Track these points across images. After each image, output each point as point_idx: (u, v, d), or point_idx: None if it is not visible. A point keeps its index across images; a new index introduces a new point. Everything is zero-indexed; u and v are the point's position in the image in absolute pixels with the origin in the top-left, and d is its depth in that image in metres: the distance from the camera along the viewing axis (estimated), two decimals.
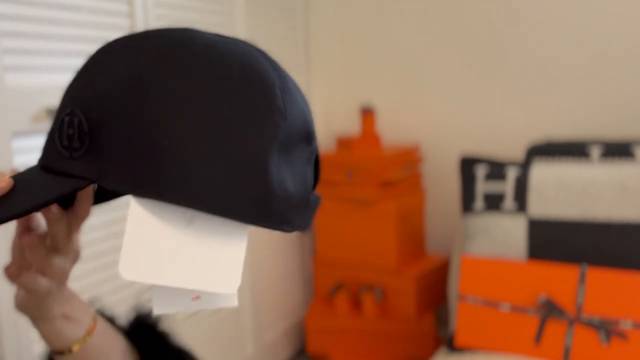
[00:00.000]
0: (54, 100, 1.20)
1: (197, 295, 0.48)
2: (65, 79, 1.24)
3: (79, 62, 1.27)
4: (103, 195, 0.61)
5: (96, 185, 0.58)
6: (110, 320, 0.67)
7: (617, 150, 1.49)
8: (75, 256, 0.59)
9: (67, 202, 0.57)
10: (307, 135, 0.50)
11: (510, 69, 1.90)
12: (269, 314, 1.99)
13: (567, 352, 1.33)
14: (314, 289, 2.05)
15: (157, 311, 0.48)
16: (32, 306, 0.57)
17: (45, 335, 0.59)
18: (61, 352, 0.60)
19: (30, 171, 0.52)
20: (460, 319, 1.46)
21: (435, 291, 1.92)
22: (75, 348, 0.60)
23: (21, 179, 0.51)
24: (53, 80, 1.21)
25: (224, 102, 0.45)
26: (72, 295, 0.61)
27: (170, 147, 0.44)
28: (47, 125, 1.18)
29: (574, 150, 1.54)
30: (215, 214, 0.44)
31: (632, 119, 1.76)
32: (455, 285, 1.67)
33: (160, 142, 0.44)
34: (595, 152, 1.51)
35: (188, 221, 0.45)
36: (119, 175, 0.45)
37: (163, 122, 0.45)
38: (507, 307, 1.41)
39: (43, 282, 0.56)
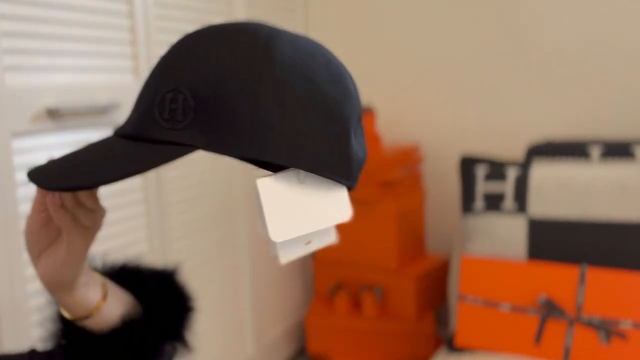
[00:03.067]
0: (54, 100, 1.20)
1: (309, 240, 0.61)
2: (65, 79, 1.24)
3: (78, 62, 1.27)
4: None
5: None
6: (96, 270, 0.70)
7: (617, 150, 1.49)
8: (102, 213, 0.62)
9: None
10: (361, 115, 0.63)
11: (511, 69, 1.90)
12: (269, 314, 1.99)
13: (567, 352, 1.33)
14: (314, 289, 2.05)
15: (283, 260, 0.59)
16: (66, 275, 0.60)
17: (69, 306, 0.62)
18: (83, 318, 0.63)
19: (114, 141, 0.58)
20: (460, 319, 1.46)
21: (435, 291, 1.92)
22: (96, 312, 0.63)
23: (111, 147, 0.57)
24: (53, 80, 1.21)
25: (320, 87, 0.56)
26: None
27: (283, 122, 0.54)
28: (47, 125, 1.18)
29: (574, 150, 1.54)
30: (318, 174, 0.56)
31: (632, 119, 1.76)
32: (455, 285, 1.67)
33: (275, 119, 0.54)
34: (595, 152, 1.51)
35: (301, 180, 0.57)
36: (233, 142, 0.54)
37: (278, 103, 0.54)
38: (507, 307, 1.41)
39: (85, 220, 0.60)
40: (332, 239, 0.63)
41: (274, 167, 0.56)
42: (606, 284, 1.34)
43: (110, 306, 0.64)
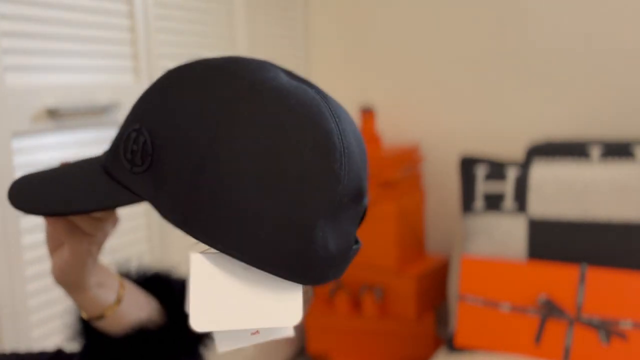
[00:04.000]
0: (54, 100, 1.20)
1: (256, 330, 0.50)
2: (65, 79, 1.24)
3: (78, 62, 1.27)
4: None
5: None
6: (127, 275, 0.70)
7: (617, 150, 1.49)
8: (114, 220, 0.62)
9: None
10: (359, 195, 0.51)
11: (510, 69, 1.90)
12: None
13: (567, 352, 1.33)
14: (314, 288, 2.05)
15: (220, 349, 0.50)
16: (72, 276, 0.60)
17: (81, 305, 0.62)
18: (96, 318, 0.63)
19: (91, 168, 0.56)
20: (460, 319, 1.46)
21: (435, 291, 1.92)
22: (110, 313, 0.62)
23: (82, 175, 0.56)
24: (53, 80, 1.21)
25: (286, 163, 0.46)
26: (100, 263, 0.64)
27: (224, 199, 0.46)
28: (47, 125, 1.18)
29: (574, 150, 1.54)
30: (258, 268, 0.47)
31: (632, 119, 1.76)
32: (455, 285, 1.67)
33: (216, 192, 0.46)
34: (595, 152, 1.51)
35: (245, 267, 0.47)
36: (173, 206, 0.48)
37: (225, 172, 0.46)
38: (507, 307, 1.41)
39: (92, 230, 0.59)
40: (288, 332, 0.53)
41: None
42: (606, 284, 1.34)
43: (127, 310, 0.63)
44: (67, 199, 0.54)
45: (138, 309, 0.65)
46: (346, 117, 0.52)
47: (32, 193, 0.56)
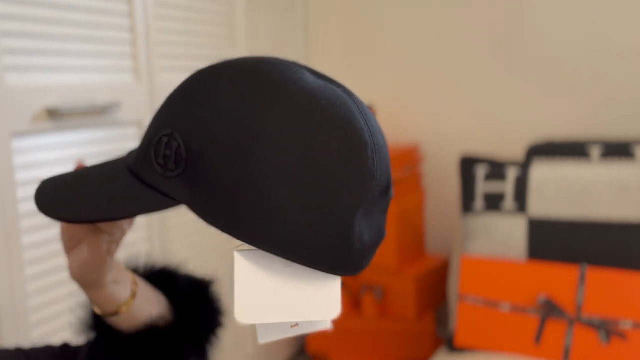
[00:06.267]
0: (54, 100, 1.20)
1: (295, 323, 0.53)
2: (65, 79, 1.24)
3: (78, 62, 1.27)
4: None
5: None
6: (136, 271, 0.71)
7: (617, 150, 1.49)
8: (128, 220, 0.63)
9: None
10: (387, 188, 0.52)
11: (511, 69, 1.90)
12: None
13: (567, 352, 1.33)
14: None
15: (262, 340, 0.53)
16: (91, 275, 0.61)
17: (97, 301, 0.63)
18: (110, 314, 0.64)
19: (118, 171, 0.56)
20: (460, 319, 1.46)
21: (435, 291, 1.92)
22: (124, 309, 0.63)
23: (111, 179, 0.55)
24: (53, 80, 1.21)
25: (323, 163, 0.47)
26: (116, 260, 0.65)
27: (266, 199, 0.47)
28: (47, 125, 1.18)
29: (574, 150, 1.54)
30: (301, 264, 0.48)
31: (632, 119, 1.75)
32: (455, 285, 1.67)
33: (258, 193, 0.47)
34: (595, 152, 1.51)
35: (287, 264, 0.50)
36: (214, 209, 0.49)
37: (264, 174, 0.47)
38: (507, 307, 1.41)
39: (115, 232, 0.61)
40: (326, 325, 0.55)
41: None
42: (606, 284, 1.34)
43: (139, 306, 0.64)
44: (106, 205, 0.53)
45: (149, 305, 0.66)
46: (371, 114, 0.53)
47: (64, 200, 0.55)
